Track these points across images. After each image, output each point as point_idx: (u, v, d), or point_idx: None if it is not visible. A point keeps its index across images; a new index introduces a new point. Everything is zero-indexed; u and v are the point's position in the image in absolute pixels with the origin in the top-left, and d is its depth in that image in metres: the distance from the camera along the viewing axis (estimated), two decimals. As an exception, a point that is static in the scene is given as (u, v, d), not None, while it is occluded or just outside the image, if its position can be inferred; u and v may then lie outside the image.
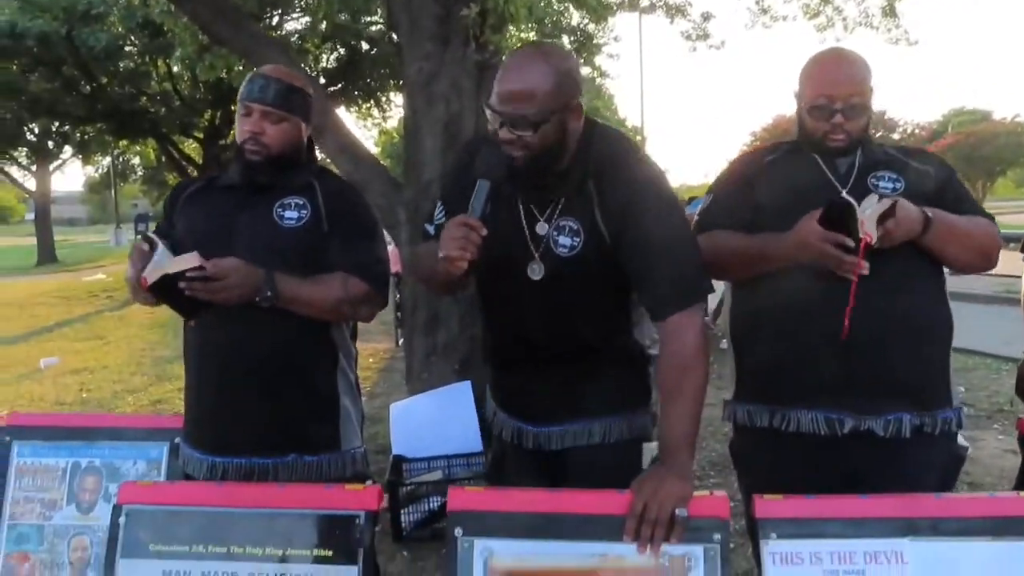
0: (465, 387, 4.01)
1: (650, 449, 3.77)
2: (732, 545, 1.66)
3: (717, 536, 1.56)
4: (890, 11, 6.76)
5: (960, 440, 2.00)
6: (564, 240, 1.78)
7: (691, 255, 1.76)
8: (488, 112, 1.71)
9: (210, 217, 1.99)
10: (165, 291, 1.75)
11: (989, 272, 2.06)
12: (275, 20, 12.39)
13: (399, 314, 8.28)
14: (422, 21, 4.03)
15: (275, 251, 1.91)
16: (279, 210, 1.97)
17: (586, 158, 1.77)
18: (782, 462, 1.88)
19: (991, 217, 1.98)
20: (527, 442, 1.94)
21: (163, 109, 15.18)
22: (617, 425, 1.88)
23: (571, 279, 1.80)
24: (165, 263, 1.75)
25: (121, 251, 27.95)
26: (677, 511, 1.54)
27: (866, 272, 1.75)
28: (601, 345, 1.88)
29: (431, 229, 1.90)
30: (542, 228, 1.80)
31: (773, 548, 1.55)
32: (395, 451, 3.92)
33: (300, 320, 1.92)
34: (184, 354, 2.07)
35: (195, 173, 16.89)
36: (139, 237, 1.95)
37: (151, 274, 1.73)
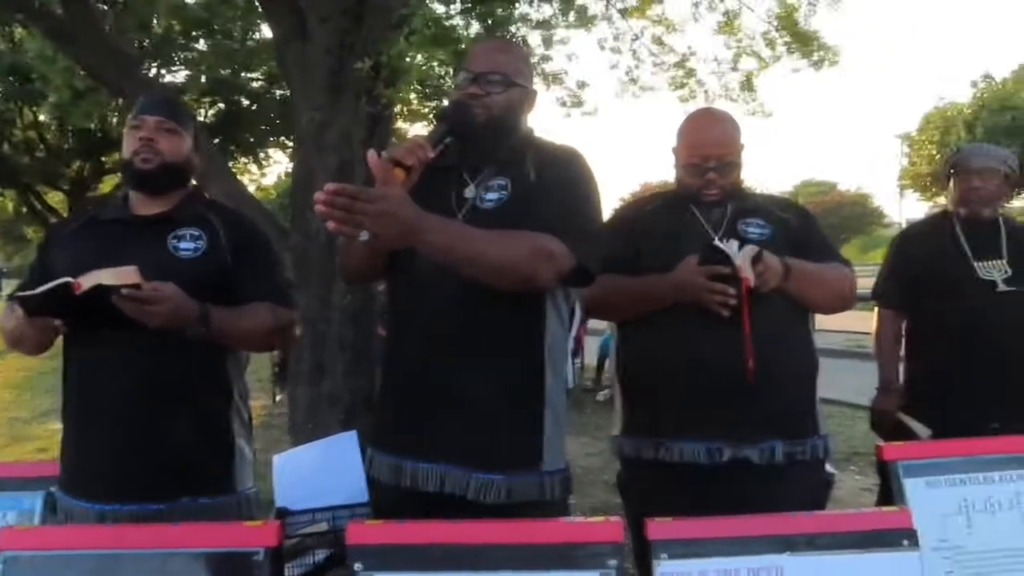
0: (351, 436, 3.90)
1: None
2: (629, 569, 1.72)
3: (612, 562, 1.60)
4: (747, 85, 7.30)
5: (828, 468, 2.16)
6: (491, 195, 1.77)
7: (599, 223, 1.83)
8: (462, 76, 1.88)
9: (98, 251, 1.88)
10: (90, 302, 1.70)
11: (841, 329, 2.26)
12: (152, 72, 12.05)
13: (277, 370, 8.03)
14: (315, 72, 4.08)
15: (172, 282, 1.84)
16: (173, 241, 1.93)
17: (530, 146, 1.85)
18: (668, 492, 1.97)
19: (847, 262, 2.18)
20: (405, 479, 1.77)
21: (26, 158, 14.35)
22: (495, 486, 1.71)
23: None
24: (103, 274, 1.69)
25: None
26: None
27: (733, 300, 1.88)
28: (508, 344, 1.75)
29: None
30: (470, 192, 1.78)
31: (664, 568, 1.61)
32: (278, 503, 3.77)
33: (193, 353, 1.86)
34: (64, 395, 1.97)
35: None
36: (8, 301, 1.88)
37: (87, 280, 1.68)
